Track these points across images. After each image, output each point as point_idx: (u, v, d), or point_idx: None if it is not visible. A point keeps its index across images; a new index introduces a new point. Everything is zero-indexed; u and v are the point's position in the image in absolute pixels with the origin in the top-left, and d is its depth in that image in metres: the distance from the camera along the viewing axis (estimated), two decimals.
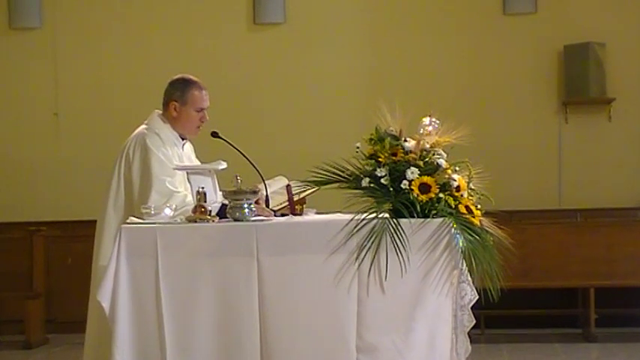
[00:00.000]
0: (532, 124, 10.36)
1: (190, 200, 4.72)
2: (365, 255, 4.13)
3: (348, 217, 4.17)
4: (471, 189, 4.33)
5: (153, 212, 4.44)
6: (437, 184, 4.21)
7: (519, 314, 9.42)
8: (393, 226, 4.13)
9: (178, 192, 4.81)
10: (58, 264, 9.92)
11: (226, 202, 4.48)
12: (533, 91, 10.39)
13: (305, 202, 4.93)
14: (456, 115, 4.33)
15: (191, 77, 5.16)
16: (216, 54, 10.58)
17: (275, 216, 4.73)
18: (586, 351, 8.69)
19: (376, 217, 4.13)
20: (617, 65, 10.21)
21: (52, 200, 10.63)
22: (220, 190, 4.85)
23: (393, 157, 4.25)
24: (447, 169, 4.26)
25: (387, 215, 4.16)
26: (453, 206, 4.21)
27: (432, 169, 4.24)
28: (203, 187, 4.48)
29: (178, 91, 5.10)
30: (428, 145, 4.31)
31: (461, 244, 4.14)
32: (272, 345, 4.17)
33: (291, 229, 4.33)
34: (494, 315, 8.78)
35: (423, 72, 10.41)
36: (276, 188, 5.02)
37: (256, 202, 4.54)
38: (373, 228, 4.12)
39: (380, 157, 4.26)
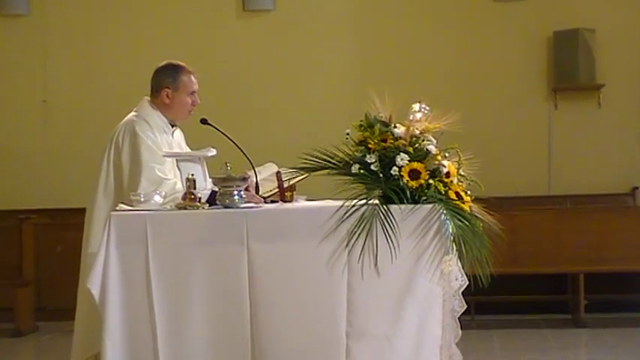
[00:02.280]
0: (522, 110, 10.38)
1: (180, 187, 4.71)
2: (355, 241, 4.12)
3: (338, 203, 4.17)
4: (460, 175, 4.33)
5: (142, 199, 4.43)
6: (427, 171, 4.20)
7: (509, 300, 9.44)
8: (383, 212, 4.13)
9: (168, 179, 4.80)
10: (48, 252, 9.90)
11: (216, 189, 4.47)
12: (523, 77, 10.41)
13: (295, 189, 4.93)
14: (446, 102, 4.33)
15: (178, 62, 5.14)
16: (206, 41, 10.56)
17: (265, 203, 4.73)
18: (576, 336, 8.73)
19: (366, 203, 4.13)
20: (606, 51, 10.23)
21: (42, 188, 10.61)
22: (210, 177, 4.84)
23: (383, 144, 4.24)
24: (436, 155, 4.26)
25: (377, 201, 4.16)
26: (443, 192, 4.20)
27: (421, 155, 4.24)
28: (193, 174, 4.47)
29: (170, 78, 5.08)
30: (418, 132, 4.30)
31: (451, 230, 4.15)
32: (262, 332, 4.17)
33: (281, 216, 4.33)
34: (484, 301, 8.79)
35: (413, 58, 10.41)
36: (266, 175, 5.02)
37: (246, 189, 4.53)
38: (363, 214, 4.12)
39: (370, 144, 4.26)
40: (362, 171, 4.23)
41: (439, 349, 4.21)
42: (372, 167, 4.21)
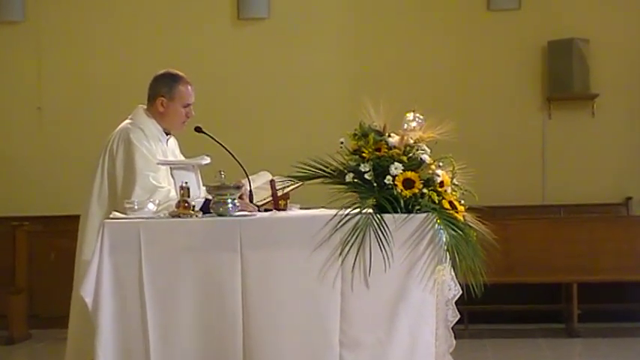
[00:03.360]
0: (516, 119, 10.40)
1: (174, 195, 4.70)
2: (349, 250, 4.12)
3: (332, 212, 4.17)
4: (454, 184, 4.34)
5: (136, 207, 4.42)
6: (421, 180, 4.20)
7: (503, 309, 9.44)
8: (377, 221, 4.13)
9: (162, 187, 4.80)
10: (41, 259, 9.87)
11: (210, 197, 4.47)
12: (517, 86, 10.43)
13: (289, 198, 4.93)
14: (440, 111, 4.33)
15: (177, 72, 5.13)
16: (200, 48, 10.56)
17: (259, 211, 4.73)
18: (569, 346, 8.73)
19: (360, 212, 4.13)
20: (600, 61, 10.26)
21: (35, 195, 10.60)
22: (204, 186, 4.84)
23: (377, 153, 4.25)
24: (430, 164, 4.26)
25: (370, 210, 4.16)
26: (437, 202, 4.21)
27: (415, 164, 4.24)
28: (186, 182, 4.47)
29: (166, 87, 5.07)
30: (412, 141, 4.31)
31: (444, 239, 4.15)
32: (255, 340, 4.16)
33: (274, 225, 4.33)
34: (477, 310, 8.80)
35: (407, 67, 10.42)
36: (260, 183, 5.02)
37: (240, 197, 4.53)
38: (357, 223, 4.12)
39: (364, 153, 4.26)
40: (356, 180, 4.24)
41: (433, 358, 4.21)
42: (366, 176, 4.21)
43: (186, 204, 4.38)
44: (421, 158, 4.26)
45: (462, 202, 4.33)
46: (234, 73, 10.59)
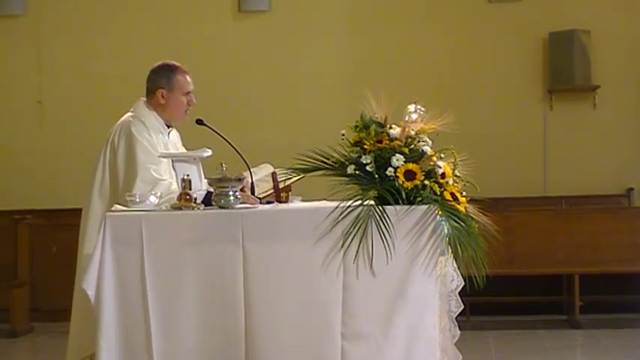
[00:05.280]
0: (517, 111, 10.40)
1: (175, 188, 4.71)
2: (351, 242, 4.12)
3: (334, 204, 4.17)
4: (456, 176, 4.33)
5: (138, 200, 4.42)
6: (422, 171, 4.20)
7: (505, 301, 9.44)
8: (379, 213, 4.12)
9: (163, 180, 4.80)
10: (43, 252, 9.89)
11: (211, 189, 4.47)
12: (519, 78, 10.42)
13: (290, 190, 4.93)
14: (442, 103, 4.33)
15: (173, 62, 5.15)
16: (202, 41, 10.56)
17: (260, 203, 4.73)
18: (571, 337, 8.73)
19: (361, 204, 4.13)
20: (602, 53, 10.25)
21: (37, 189, 10.60)
22: (206, 178, 4.84)
23: (379, 145, 4.24)
24: (432, 156, 4.26)
25: (372, 202, 4.16)
26: (439, 193, 4.20)
27: (417, 156, 4.24)
28: (188, 175, 4.46)
29: (164, 78, 5.08)
30: (413, 132, 4.30)
31: (446, 230, 4.14)
32: (256, 332, 4.16)
33: (276, 217, 4.33)
34: (479, 302, 8.78)
35: (408, 59, 10.41)
36: (261, 176, 5.02)
37: (242, 190, 4.53)
38: (359, 215, 4.11)
39: (365, 145, 4.26)
40: (357, 172, 4.23)
41: (436, 349, 4.21)
42: (368, 168, 4.21)
43: (187, 196, 4.38)
44: (422, 150, 4.26)
45: (464, 193, 4.32)
46: (235, 66, 10.59)
